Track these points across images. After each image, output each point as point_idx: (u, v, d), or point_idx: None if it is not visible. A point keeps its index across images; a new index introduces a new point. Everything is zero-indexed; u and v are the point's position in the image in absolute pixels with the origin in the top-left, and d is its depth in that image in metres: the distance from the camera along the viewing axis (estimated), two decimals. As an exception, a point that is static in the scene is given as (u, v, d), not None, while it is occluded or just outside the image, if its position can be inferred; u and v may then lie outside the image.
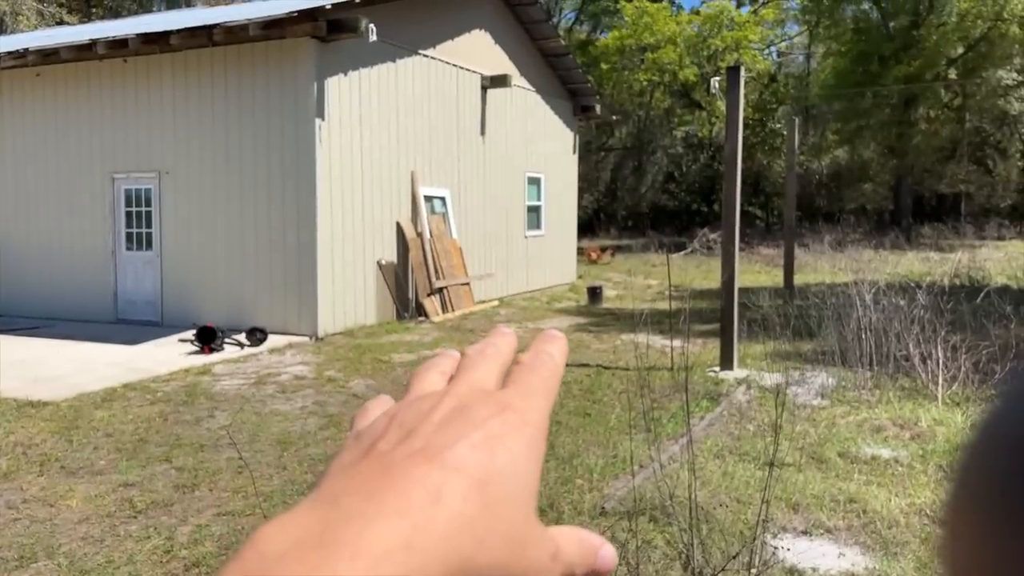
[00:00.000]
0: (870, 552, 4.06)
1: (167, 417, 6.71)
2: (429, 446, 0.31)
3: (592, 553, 0.34)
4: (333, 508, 0.28)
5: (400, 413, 0.34)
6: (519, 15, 15.17)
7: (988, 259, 19.76)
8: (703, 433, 6.03)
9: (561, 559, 0.32)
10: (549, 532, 0.33)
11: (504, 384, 0.36)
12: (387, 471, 0.30)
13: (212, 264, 11.06)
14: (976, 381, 7.03)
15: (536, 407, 0.34)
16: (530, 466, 0.32)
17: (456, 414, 0.32)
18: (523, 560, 0.30)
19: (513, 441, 0.32)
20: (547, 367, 0.37)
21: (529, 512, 0.31)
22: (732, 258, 8.23)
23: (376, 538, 0.27)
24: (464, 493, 0.29)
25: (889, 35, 30.53)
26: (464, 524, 0.28)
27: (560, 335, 0.40)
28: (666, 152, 37.36)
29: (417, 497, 0.28)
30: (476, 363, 0.37)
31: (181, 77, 11.08)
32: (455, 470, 0.30)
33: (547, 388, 0.36)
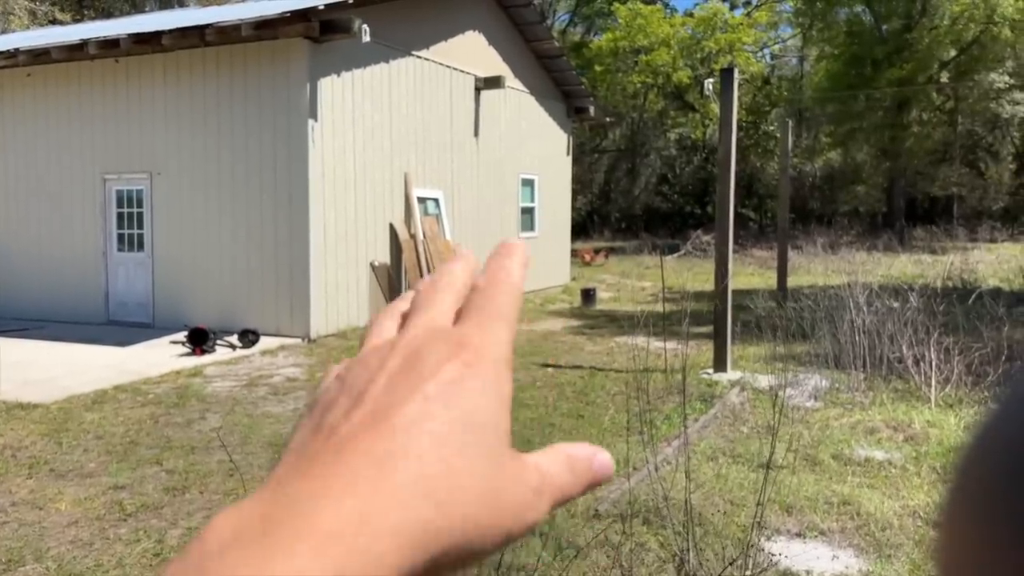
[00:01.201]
0: (864, 554, 4.05)
1: (158, 419, 6.67)
2: (377, 410, 0.29)
3: (586, 468, 0.33)
4: (277, 494, 0.27)
5: (350, 374, 0.32)
6: (513, 16, 15.16)
7: (980, 261, 19.83)
8: (697, 435, 6.02)
9: (548, 489, 0.31)
10: (531, 463, 0.31)
11: (460, 316, 0.34)
12: (335, 447, 0.28)
13: (204, 266, 11.01)
14: (969, 383, 7.04)
15: (495, 338, 0.32)
16: (493, 405, 0.30)
17: (407, 365, 0.31)
18: (499, 506, 0.29)
19: (470, 383, 0.30)
20: (504, 289, 0.35)
21: (499, 454, 0.30)
22: (726, 260, 8.23)
23: (321, 519, 0.25)
24: (418, 454, 0.28)
25: (882, 38, 30.64)
26: (420, 488, 0.27)
27: (518, 244, 0.38)
28: (660, 154, 37.41)
29: (365, 469, 0.27)
30: (429, 299, 0.35)
31: (173, 77, 11.03)
32: (406, 431, 0.28)
33: (506, 313, 0.34)
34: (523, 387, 7.79)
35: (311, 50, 10.18)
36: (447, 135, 13.49)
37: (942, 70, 30.03)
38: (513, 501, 0.29)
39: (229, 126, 10.71)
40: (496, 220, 15.08)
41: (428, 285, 0.36)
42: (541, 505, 0.31)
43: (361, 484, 0.26)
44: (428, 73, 12.84)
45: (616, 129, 36.27)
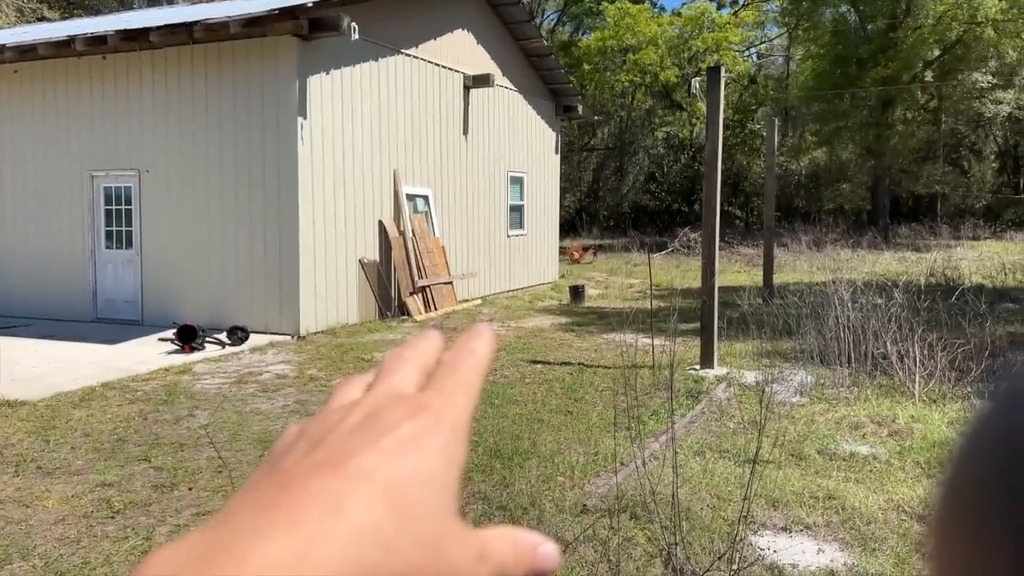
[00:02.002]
0: (849, 548, 4.11)
1: (146, 416, 6.66)
2: (333, 456, 0.29)
3: (528, 552, 0.32)
4: (223, 526, 0.27)
5: (310, 427, 0.32)
6: (502, 15, 15.18)
7: (963, 259, 20.01)
8: (684, 431, 6.07)
9: (490, 560, 0.31)
10: (475, 533, 0.31)
11: (425, 386, 0.35)
12: (286, 485, 0.28)
13: (193, 263, 10.98)
14: (952, 379, 7.12)
15: (454, 405, 0.33)
16: (446, 466, 0.31)
17: (367, 421, 0.31)
18: (441, 563, 0.29)
19: (426, 442, 0.31)
20: (468, 364, 0.36)
21: (446, 514, 0.30)
22: (712, 258, 8.29)
23: (264, 551, 0.25)
24: (368, 500, 0.28)
25: (867, 37, 30.83)
26: (368, 532, 0.27)
27: (487, 330, 0.38)
28: (647, 152, 37.51)
29: (315, 508, 0.27)
30: (393, 368, 0.36)
31: (161, 75, 10.99)
32: (360, 478, 0.28)
33: (468, 385, 0.35)
34: (512, 384, 7.83)
35: (300, 48, 10.16)
36: (436, 133, 13.50)
37: (926, 69, 30.25)
38: (454, 560, 0.29)
39: (218, 123, 10.69)
40: (485, 218, 15.10)
41: (394, 356, 0.37)
42: (481, 571, 0.30)
43: (307, 523, 0.26)
44: (417, 71, 12.85)
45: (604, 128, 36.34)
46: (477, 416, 5.41)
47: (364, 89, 11.53)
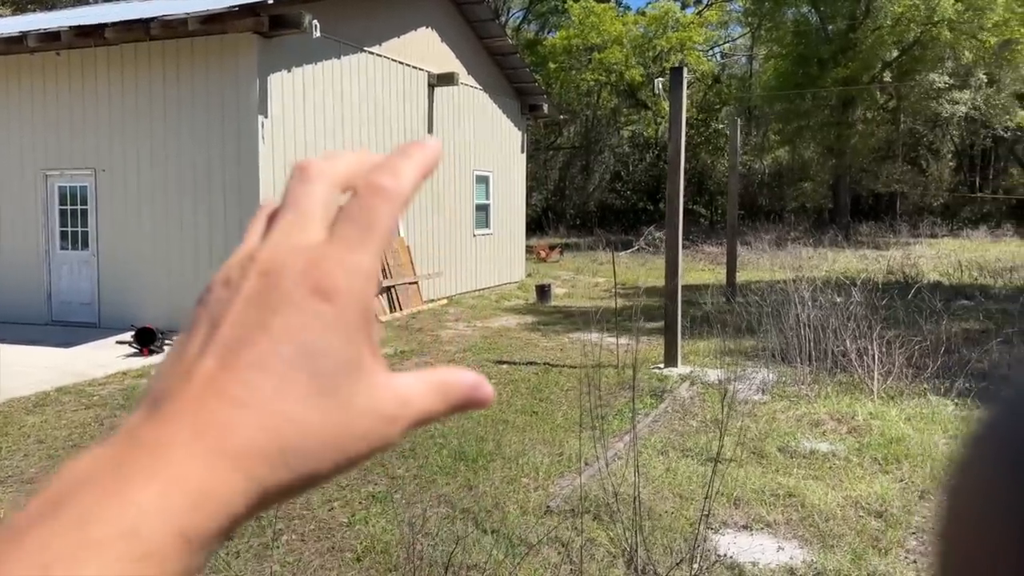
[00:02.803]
0: (808, 545, 4.16)
1: (103, 422, 6.52)
2: (226, 349, 0.30)
3: (459, 396, 0.34)
4: (130, 439, 0.28)
5: (213, 292, 0.32)
6: (466, 13, 15.13)
7: (922, 256, 20.42)
8: (647, 430, 6.10)
9: (407, 414, 0.32)
10: (391, 393, 0.32)
11: (331, 225, 0.33)
12: (187, 393, 0.29)
13: (152, 263, 10.79)
14: (909, 375, 7.26)
15: (355, 261, 0.32)
16: (340, 336, 0.31)
17: (260, 290, 0.31)
18: (342, 438, 0.30)
19: (319, 313, 0.31)
20: (385, 197, 0.33)
21: (346, 390, 0.31)
22: (676, 257, 8.34)
23: (170, 461, 0.27)
24: (261, 399, 0.29)
25: (827, 38, 31.31)
26: (261, 433, 0.28)
27: (423, 144, 0.36)
28: (613, 151, 37.71)
29: (211, 416, 0.28)
30: (296, 197, 0.34)
31: (117, 72, 10.77)
32: (249, 377, 0.29)
33: (378, 227, 0.33)
34: (477, 385, 7.78)
35: (261, 45, 10.03)
36: (400, 132, 13.41)
37: (885, 70, 30.81)
38: (362, 431, 0.31)
39: (176, 122, 10.51)
40: (451, 217, 15.05)
41: (300, 172, 0.35)
42: (392, 429, 0.32)
43: (210, 429, 0.28)
44: (381, 69, 12.76)
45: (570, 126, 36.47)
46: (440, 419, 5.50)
47: (327, 87, 11.42)
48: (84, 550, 0.25)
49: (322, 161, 0.35)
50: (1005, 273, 16.27)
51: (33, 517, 0.26)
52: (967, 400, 6.80)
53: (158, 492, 0.26)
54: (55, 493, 0.27)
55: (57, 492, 0.27)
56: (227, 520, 0.28)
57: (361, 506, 4.69)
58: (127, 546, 0.26)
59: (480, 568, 3.86)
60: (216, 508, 0.27)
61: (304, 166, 0.35)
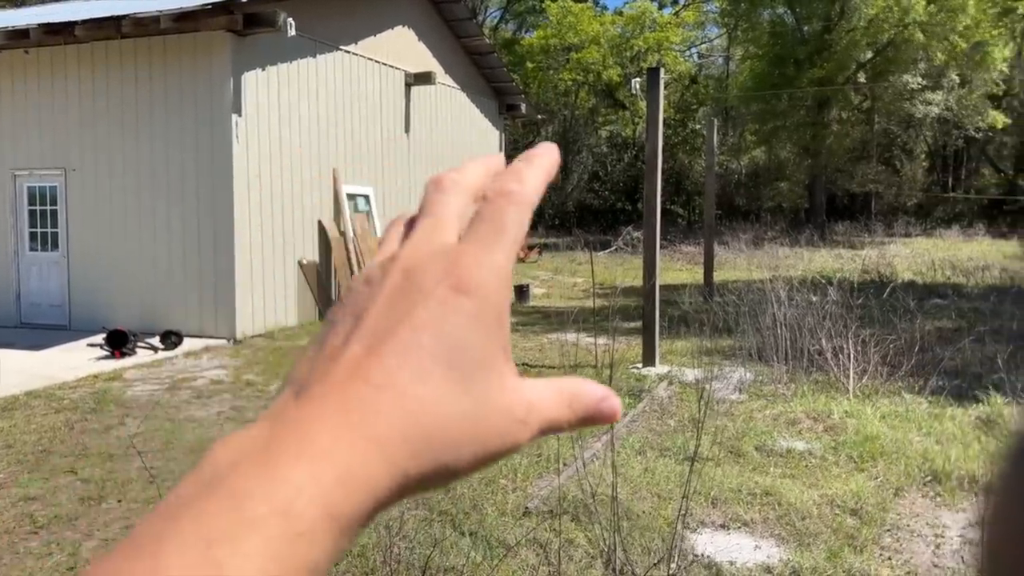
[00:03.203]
0: (784, 544, 4.17)
1: (73, 426, 6.41)
2: (372, 338, 0.31)
3: (585, 408, 0.34)
4: (278, 420, 0.29)
5: (355, 290, 0.34)
6: (443, 13, 15.08)
7: (896, 255, 20.65)
8: (626, 430, 6.10)
9: (535, 420, 0.33)
10: (522, 397, 0.33)
11: (465, 229, 0.34)
12: (332, 377, 0.30)
13: (123, 265, 10.63)
14: (884, 374, 7.31)
15: (491, 260, 0.33)
16: (481, 332, 0.31)
17: (403, 286, 0.32)
18: (478, 433, 0.31)
19: (461, 308, 0.31)
20: (512, 200, 0.35)
21: (484, 384, 0.31)
22: (654, 257, 8.35)
23: (317, 440, 0.28)
24: (403, 387, 0.30)
25: (803, 39, 31.57)
26: (403, 418, 0.29)
27: (545, 148, 0.37)
28: (591, 151, 37.80)
29: (357, 401, 0.29)
30: (433, 203, 0.35)
31: (88, 70, 10.60)
32: (393, 364, 0.30)
33: (510, 229, 0.34)
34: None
35: (234, 44, 9.92)
36: (377, 131, 13.34)
37: (859, 71, 31.13)
38: (495, 428, 0.31)
39: (148, 121, 10.36)
40: (428, 217, 14.97)
41: (435, 184, 0.36)
42: (524, 432, 0.32)
43: (353, 411, 0.29)
44: (357, 68, 12.67)
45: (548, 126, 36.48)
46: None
47: (302, 86, 11.32)
48: (242, 527, 0.26)
49: (454, 173, 0.37)
50: (977, 272, 16.48)
51: (188, 496, 0.27)
52: (940, 398, 6.87)
53: (308, 471, 0.27)
54: (208, 473, 0.28)
55: (211, 472, 0.28)
56: (372, 503, 0.28)
57: (337, 509, 4.64)
58: (282, 524, 0.26)
59: (458, 571, 3.83)
60: (362, 490, 0.28)
61: (438, 179, 0.37)
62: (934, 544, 4.21)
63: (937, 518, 4.53)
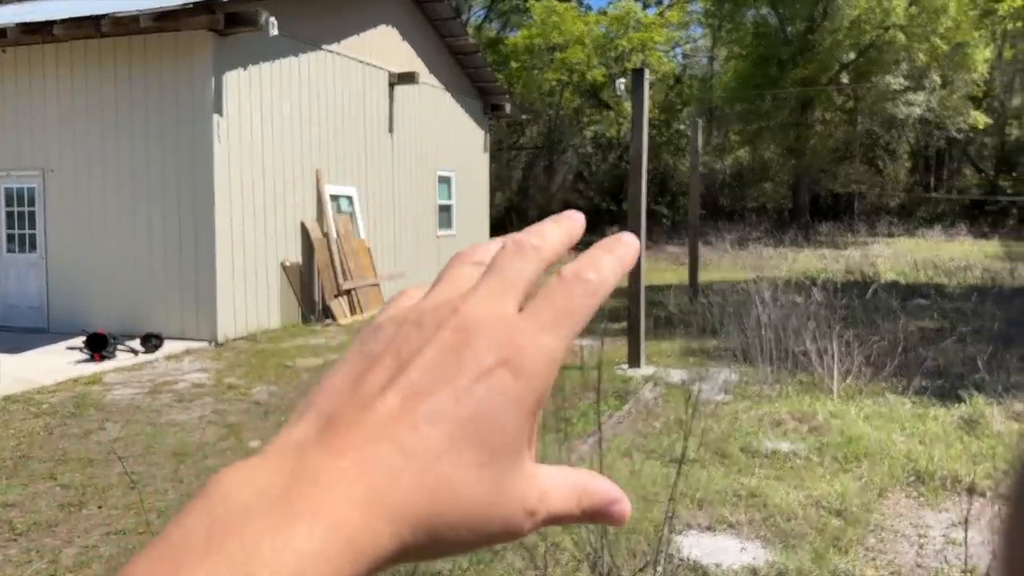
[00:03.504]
0: (770, 545, 4.16)
1: (52, 431, 6.33)
2: (411, 395, 0.30)
3: (594, 507, 0.33)
4: (300, 464, 0.28)
5: (404, 327, 0.32)
6: (427, 12, 15.02)
7: (879, 255, 20.79)
8: (611, 431, 6.09)
9: (543, 512, 0.32)
10: (536, 486, 0.32)
11: (530, 302, 0.33)
12: (364, 426, 0.29)
13: (103, 267, 10.51)
14: (868, 375, 7.34)
15: (547, 344, 0.32)
16: (518, 416, 0.31)
17: (454, 346, 0.31)
18: (487, 517, 0.30)
19: (504, 388, 0.30)
20: (585, 289, 0.33)
21: (505, 469, 0.30)
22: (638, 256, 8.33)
23: (337, 500, 0.27)
24: (435, 454, 0.29)
25: (787, 40, 31.75)
26: (424, 491, 0.28)
27: (627, 241, 0.37)
28: (576, 151, 37.83)
29: (381, 464, 0.28)
30: (508, 263, 0.34)
31: (67, 70, 10.48)
32: (427, 428, 0.29)
33: (575, 317, 0.33)
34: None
35: (216, 43, 9.83)
36: (360, 131, 13.27)
37: (842, 71, 31.33)
38: (503, 515, 0.30)
39: (128, 121, 10.25)
40: (413, 218, 14.93)
41: (515, 244, 0.35)
42: (528, 523, 0.32)
43: (375, 474, 0.28)
44: (340, 68, 12.60)
45: (533, 126, 36.50)
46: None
47: (284, 86, 11.24)
48: None
49: (536, 238, 0.35)
50: (959, 272, 16.62)
51: (196, 541, 0.26)
52: (923, 398, 6.90)
53: (321, 539, 0.26)
54: (220, 513, 0.26)
55: (223, 512, 0.26)
56: (370, 569, 0.27)
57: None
58: None
59: (445, 575, 3.80)
60: (367, 558, 0.27)
61: (520, 240, 0.35)
62: (918, 544, 4.23)
63: (920, 518, 4.54)
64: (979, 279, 15.38)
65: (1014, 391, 6.79)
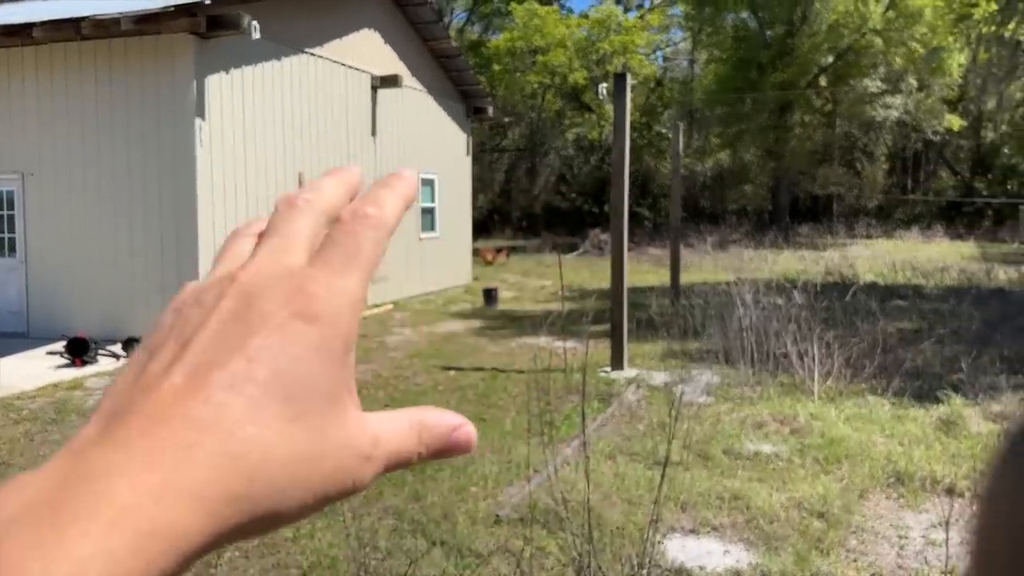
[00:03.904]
0: (753, 548, 4.21)
1: (33, 437, 6.27)
2: (198, 367, 0.28)
3: (437, 439, 0.33)
4: (76, 463, 0.26)
5: (184, 310, 0.31)
6: (409, 15, 15.02)
7: (858, 257, 21.00)
8: (595, 434, 6.12)
9: (381, 455, 0.31)
10: (367, 430, 0.31)
11: (316, 252, 0.32)
12: (147, 411, 0.27)
13: (84, 271, 10.41)
14: (848, 376, 7.43)
15: (341, 286, 0.31)
16: (324, 364, 0.29)
17: (239, 310, 0.30)
18: (315, 474, 0.29)
19: (302, 339, 0.29)
20: (370, 225, 0.33)
21: (323, 420, 0.29)
22: (621, 262, 8.40)
23: (117, 494, 0.25)
24: (230, 423, 0.27)
25: (766, 43, 32.01)
26: (227, 460, 0.26)
27: (404, 175, 0.36)
28: (558, 154, 37.94)
29: (171, 440, 0.26)
30: (282, 221, 0.33)
31: (46, 72, 10.37)
32: (221, 398, 0.27)
33: (364, 256, 0.32)
34: (424, 391, 7.73)
35: (198, 46, 9.78)
36: (343, 134, 13.24)
37: (821, 75, 31.65)
38: (334, 467, 0.29)
39: (109, 124, 10.17)
40: (395, 221, 14.90)
41: (287, 202, 0.34)
42: (367, 469, 0.30)
43: (165, 456, 0.26)
44: (322, 71, 12.57)
45: (515, 129, 36.55)
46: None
47: (266, 89, 11.20)
48: None
49: (308, 191, 0.34)
50: (936, 273, 16.84)
51: None
52: (903, 399, 7.00)
53: (99, 538, 0.24)
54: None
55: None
56: (178, 562, 0.25)
57: (306, 520, 4.59)
58: None
59: (429, 581, 3.81)
60: (167, 551, 0.25)
61: (290, 197, 0.34)
62: (898, 545, 4.29)
63: (900, 519, 4.61)
64: (956, 280, 15.59)
65: (991, 392, 6.90)
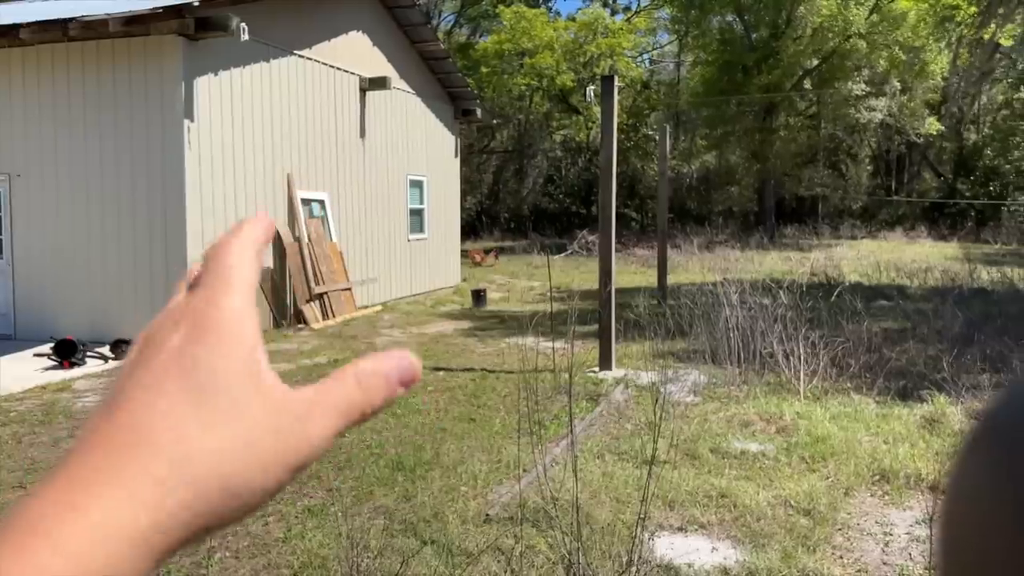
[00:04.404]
0: (740, 545, 4.27)
1: (21, 439, 6.25)
2: (112, 404, 0.31)
3: (378, 383, 0.34)
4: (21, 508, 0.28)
5: (130, 360, 0.34)
6: (398, 17, 15.04)
7: (843, 258, 21.18)
8: (584, 434, 6.17)
9: (320, 411, 0.33)
10: (294, 396, 0.33)
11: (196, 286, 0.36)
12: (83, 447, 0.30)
13: (72, 272, 10.38)
14: (834, 375, 7.52)
15: (211, 296, 0.35)
16: (225, 361, 0.32)
17: (143, 351, 0.34)
18: (257, 454, 0.31)
19: (196, 348, 0.32)
20: (232, 248, 0.37)
21: (241, 408, 0.31)
22: (609, 263, 8.46)
23: (62, 538, 0.27)
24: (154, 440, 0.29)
25: (752, 46, 32.20)
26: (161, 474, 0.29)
27: (259, 218, 0.39)
28: (546, 155, 38.02)
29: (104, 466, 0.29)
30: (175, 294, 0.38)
31: (33, 73, 10.33)
32: (140, 420, 0.30)
33: (233, 268, 0.36)
34: (414, 392, 7.76)
35: (186, 48, 9.77)
36: (332, 136, 13.25)
37: (805, 77, 31.87)
38: (274, 441, 0.31)
39: (97, 126, 10.14)
40: (384, 222, 14.93)
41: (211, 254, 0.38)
42: (312, 428, 0.32)
43: (101, 487, 0.28)
44: (311, 73, 12.57)
45: (503, 130, 36.61)
46: (379, 428, 5.24)
47: (255, 91, 11.20)
48: None
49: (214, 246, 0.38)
50: (920, 273, 17.00)
51: None
52: (887, 398, 7.09)
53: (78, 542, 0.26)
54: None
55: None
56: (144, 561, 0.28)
57: (297, 520, 4.62)
58: None
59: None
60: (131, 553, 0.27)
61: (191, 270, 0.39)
62: (883, 542, 4.36)
63: (885, 516, 4.68)
64: (939, 280, 15.75)
65: (974, 390, 7.00)
